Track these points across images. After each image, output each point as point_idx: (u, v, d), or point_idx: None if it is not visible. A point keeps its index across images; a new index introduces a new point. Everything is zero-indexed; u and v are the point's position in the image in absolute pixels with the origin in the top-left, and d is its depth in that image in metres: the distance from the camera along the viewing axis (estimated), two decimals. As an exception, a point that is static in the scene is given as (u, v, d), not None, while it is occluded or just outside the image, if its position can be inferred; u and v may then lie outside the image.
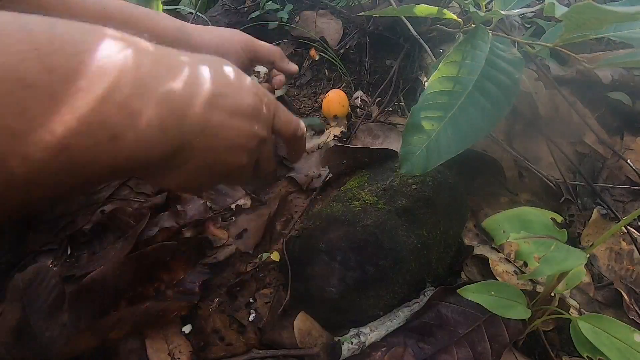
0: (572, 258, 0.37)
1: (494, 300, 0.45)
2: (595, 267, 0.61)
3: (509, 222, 0.42)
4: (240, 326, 0.50)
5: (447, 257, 0.56)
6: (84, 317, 0.47)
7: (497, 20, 0.52)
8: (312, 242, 0.51)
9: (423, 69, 0.79)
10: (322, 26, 0.91)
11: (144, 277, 0.51)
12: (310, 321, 0.50)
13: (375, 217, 0.51)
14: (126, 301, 0.49)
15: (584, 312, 0.54)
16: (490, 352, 0.46)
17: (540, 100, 0.71)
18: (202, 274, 0.53)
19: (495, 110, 0.42)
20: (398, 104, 0.79)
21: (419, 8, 0.49)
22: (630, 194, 0.71)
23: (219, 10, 0.98)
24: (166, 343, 0.47)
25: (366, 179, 0.58)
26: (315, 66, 0.91)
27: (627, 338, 0.40)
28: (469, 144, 0.41)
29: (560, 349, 0.51)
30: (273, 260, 0.55)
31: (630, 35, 0.46)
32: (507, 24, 0.74)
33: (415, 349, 0.46)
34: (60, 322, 0.47)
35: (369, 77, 0.84)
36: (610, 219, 0.64)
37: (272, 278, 0.55)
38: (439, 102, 0.42)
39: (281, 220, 0.62)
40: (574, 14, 0.37)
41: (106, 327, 0.45)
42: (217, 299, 0.52)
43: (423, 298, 0.52)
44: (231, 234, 0.59)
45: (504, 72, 0.44)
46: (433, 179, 0.57)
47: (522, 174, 0.69)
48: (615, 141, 0.77)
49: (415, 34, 0.67)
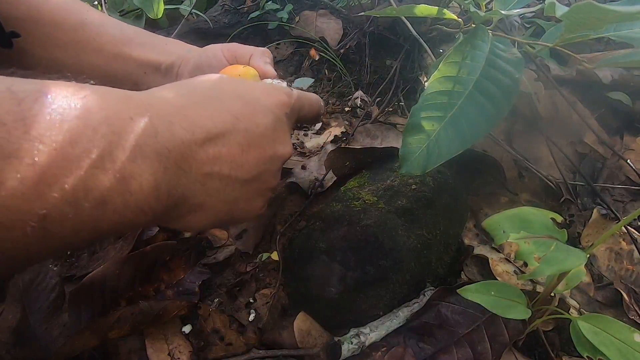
0: (572, 258, 0.37)
1: (494, 300, 0.45)
2: (595, 267, 0.61)
3: (509, 222, 0.42)
4: (240, 326, 0.50)
5: (447, 257, 0.56)
6: (84, 317, 0.47)
7: (497, 20, 0.52)
8: (312, 242, 0.51)
9: (423, 69, 0.79)
10: (322, 26, 0.91)
11: (144, 277, 0.51)
12: (310, 321, 0.50)
13: (375, 217, 0.51)
14: (126, 301, 0.49)
15: (584, 312, 0.54)
16: (490, 352, 0.46)
17: (540, 100, 0.71)
18: (202, 274, 0.53)
19: (495, 110, 0.42)
20: (398, 104, 0.79)
21: (419, 8, 0.49)
22: (630, 194, 0.71)
23: (218, 10, 0.98)
24: (166, 343, 0.47)
25: (366, 179, 0.58)
26: (315, 66, 0.91)
27: (627, 338, 0.40)
28: (469, 144, 0.40)
29: (560, 349, 0.51)
30: (273, 260, 0.55)
31: (631, 35, 0.46)
32: (507, 24, 0.74)
33: (415, 349, 0.46)
34: (60, 322, 0.47)
35: (369, 77, 0.84)
36: (610, 219, 0.64)
37: (272, 278, 0.55)
38: (439, 102, 0.42)
39: (281, 220, 0.62)
40: (575, 13, 0.37)
41: (105, 326, 0.45)
42: (217, 299, 0.52)
43: (423, 298, 0.52)
44: (231, 234, 0.59)
45: (504, 72, 0.44)
46: (433, 179, 0.57)
47: (522, 174, 0.69)
48: (615, 141, 0.77)
49: (415, 34, 0.67)
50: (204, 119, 0.32)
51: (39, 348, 0.45)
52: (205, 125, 0.32)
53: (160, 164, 0.28)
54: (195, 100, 0.33)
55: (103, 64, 0.50)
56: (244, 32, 0.92)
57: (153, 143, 0.27)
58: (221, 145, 0.32)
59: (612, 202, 0.68)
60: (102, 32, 0.50)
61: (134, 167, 0.26)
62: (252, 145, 0.34)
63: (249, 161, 0.34)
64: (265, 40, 0.92)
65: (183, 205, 0.32)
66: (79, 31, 0.49)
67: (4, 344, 0.44)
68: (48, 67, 0.48)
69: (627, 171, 0.73)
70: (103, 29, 0.51)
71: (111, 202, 0.25)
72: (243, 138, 0.34)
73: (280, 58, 0.92)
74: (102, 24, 0.51)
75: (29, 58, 0.47)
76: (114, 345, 0.47)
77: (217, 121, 0.32)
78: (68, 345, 0.44)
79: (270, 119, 0.36)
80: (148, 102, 0.30)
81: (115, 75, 0.51)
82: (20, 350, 0.44)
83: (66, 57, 0.48)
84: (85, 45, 0.49)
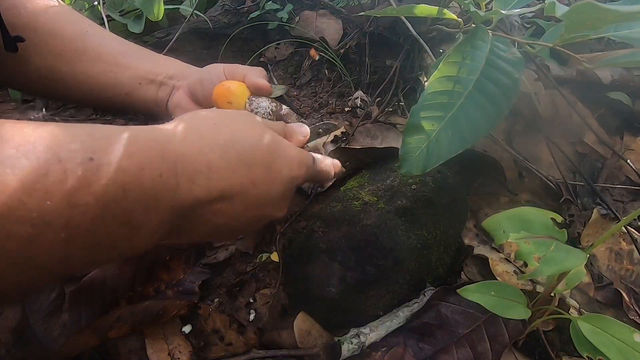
0: (572, 258, 0.37)
1: (494, 300, 0.45)
2: (595, 267, 0.61)
3: (509, 222, 0.42)
4: (240, 326, 0.50)
5: (447, 257, 0.56)
6: (84, 317, 0.47)
7: (497, 20, 0.52)
8: (312, 242, 0.51)
9: (423, 69, 0.79)
10: (322, 26, 0.91)
11: (144, 277, 0.51)
12: (310, 321, 0.50)
13: (375, 217, 0.51)
14: (126, 301, 0.49)
15: (584, 312, 0.54)
16: (490, 352, 0.46)
17: (540, 101, 0.71)
18: (202, 273, 0.53)
19: (495, 110, 0.42)
20: (398, 104, 0.79)
21: (418, 8, 0.49)
22: (630, 194, 0.71)
23: (218, 10, 0.98)
24: (166, 343, 0.47)
25: (366, 179, 0.58)
26: (315, 66, 0.90)
27: (627, 338, 0.40)
28: (469, 144, 0.40)
29: (560, 349, 0.51)
30: (273, 260, 0.55)
31: (631, 35, 0.45)
32: (507, 24, 0.74)
33: (415, 349, 0.46)
34: (60, 322, 0.47)
35: (369, 77, 0.84)
36: (610, 219, 0.64)
37: (272, 278, 0.55)
38: (439, 102, 0.42)
39: (281, 220, 0.62)
40: (575, 13, 0.37)
41: (105, 326, 0.45)
42: (217, 299, 0.52)
43: (423, 298, 0.52)
44: (231, 234, 0.59)
45: (504, 72, 0.44)
46: (433, 179, 0.57)
47: (522, 174, 0.69)
48: (615, 141, 0.77)
49: (415, 34, 0.67)
50: (225, 180, 0.34)
51: (39, 348, 0.45)
52: (223, 187, 0.33)
53: (170, 216, 0.30)
54: (226, 159, 0.34)
55: (98, 72, 0.50)
56: (244, 32, 0.92)
57: (170, 199, 0.30)
58: (229, 203, 0.34)
59: (612, 202, 0.68)
60: (102, 43, 0.51)
61: (145, 219, 0.28)
62: (255, 207, 0.37)
63: (246, 217, 0.37)
64: (265, 40, 0.92)
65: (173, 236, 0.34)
66: (78, 41, 0.50)
67: (4, 344, 0.44)
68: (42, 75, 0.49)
69: (627, 171, 0.73)
70: (103, 40, 0.52)
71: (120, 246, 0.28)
72: (250, 201, 0.36)
73: (280, 58, 0.92)
74: (103, 37, 0.52)
75: (24, 65, 0.48)
76: (114, 345, 0.47)
77: (235, 184, 0.34)
78: (68, 345, 0.44)
79: (282, 190, 0.38)
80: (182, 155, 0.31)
81: (107, 84, 0.51)
82: (20, 350, 0.44)
83: (61, 64, 0.49)
84: (82, 54, 0.50)
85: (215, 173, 0.33)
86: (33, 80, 0.50)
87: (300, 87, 0.89)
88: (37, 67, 0.49)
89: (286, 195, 0.40)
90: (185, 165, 0.31)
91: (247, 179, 0.35)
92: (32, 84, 0.50)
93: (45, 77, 0.49)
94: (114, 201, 0.26)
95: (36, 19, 0.48)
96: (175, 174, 0.30)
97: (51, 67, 0.49)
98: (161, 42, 0.90)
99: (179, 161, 0.31)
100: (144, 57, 0.53)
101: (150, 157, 0.29)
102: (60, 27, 0.49)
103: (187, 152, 0.32)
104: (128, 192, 0.26)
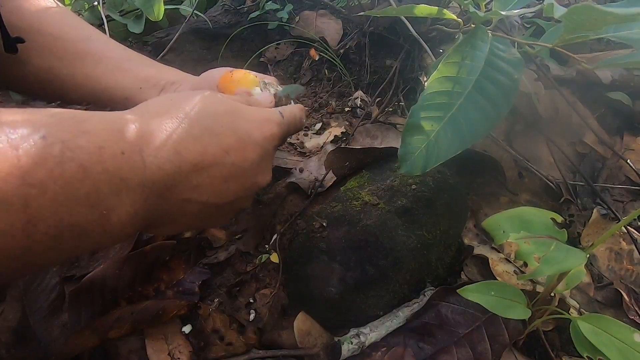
0: (572, 258, 0.37)
1: (494, 300, 0.45)
2: (595, 267, 0.61)
3: (509, 222, 0.42)
4: (240, 326, 0.50)
5: (447, 257, 0.56)
6: (84, 317, 0.47)
7: (497, 20, 0.52)
8: (312, 242, 0.51)
9: (423, 69, 0.79)
10: (322, 26, 0.91)
11: (144, 277, 0.51)
12: (310, 321, 0.50)
13: (375, 217, 0.51)
14: (126, 301, 0.49)
15: (584, 312, 0.54)
16: (490, 352, 0.46)
17: (540, 101, 0.71)
18: (202, 274, 0.53)
19: (495, 111, 0.42)
20: (398, 104, 0.79)
21: (418, 8, 0.49)
22: (630, 194, 0.71)
23: (218, 10, 0.98)
24: (166, 343, 0.47)
25: (366, 179, 0.58)
26: (315, 66, 0.91)
27: (627, 338, 0.40)
28: (468, 144, 0.40)
29: (560, 349, 0.51)
30: (273, 261, 0.55)
31: (630, 35, 0.45)
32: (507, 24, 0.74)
33: (415, 349, 0.46)
34: (60, 322, 0.47)
35: (369, 77, 0.84)
36: (610, 219, 0.64)
37: (272, 278, 0.55)
38: (439, 102, 0.42)
39: (281, 220, 0.62)
40: (573, 15, 0.37)
41: (105, 326, 0.46)
42: (217, 299, 0.52)
43: (423, 298, 0.52)
44: (231, 234, 0.59)
45: (504, 73, 0.44)
46: (433, 179, 0.57)
47: (522, 174, 0.69)
48: (615, 141, 0.77)
49: (415, 34, 0.67)
50: (194, 153, 0.33)
51: (39, 348, 0.45)
52: (194, 159, 0.33)
53: (142, 195, 0.29)
54: (190, 132, 0.34)
55: (99, 75, 0.50)
56: (244, 32, 0.92)
57: (140, 176, 0.29)
58: (205, 176, 0.34)
59: (612, 202, 0.68)
60: (105, 48, 0.51)
61: (116, 201, 0.27)
62: (234, 177, 0.36)
63: (228, 190, 0.36)
64: (265, 40, 0.92)
65: (157, 223, 0.34)
66: (81, 44, 0.50)
67: (4, 344, 0.44)
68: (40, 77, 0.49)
69: (627, 171, 0.73)
70: (107, 46, 0.52)
71: (91, 233, 0.27)
72: (227, 171, 0.36)
73: (280, 58, 0.92)
74: (106, 42, 0.52)
75: (24, 66, 0.48)
76: (114, 345, 0.47)
77: (206, 155, 0.34)
78: (68, 345, 0.44)
79: (259, 153, 0.38)
80: (143, 132, 0.31)
81: (107, 87, 0.51)
82: (20, 350, 0.44)
83: (61, 66, 0.49)
84: (85, 57, 0.50)
85: (183, 147, 0.33)
86: (30, 82, 0.50)
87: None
88: (36, 69, 0.49)
89: (265, 158, 0.39)
90: (149, 143, 0.31)
91: (217, 147, 0.35)
92: (30, 85, 0.50)
93: (43, 78, 0.49)
94: (76, 180, 0.25)
95: (40, 22, 0.48)
96: (139, 150, 0.30)
97: (51, 69, 0.49)
98: (161, 42, 0.90)
99: (142, 139, 0.30)
100: (146, 64, 0.54)
101: (108, 136, 0.28)
102: (65, 30, 0.49)
103: (150, 130, 0.32)
104: (89, 170, 0.26)
